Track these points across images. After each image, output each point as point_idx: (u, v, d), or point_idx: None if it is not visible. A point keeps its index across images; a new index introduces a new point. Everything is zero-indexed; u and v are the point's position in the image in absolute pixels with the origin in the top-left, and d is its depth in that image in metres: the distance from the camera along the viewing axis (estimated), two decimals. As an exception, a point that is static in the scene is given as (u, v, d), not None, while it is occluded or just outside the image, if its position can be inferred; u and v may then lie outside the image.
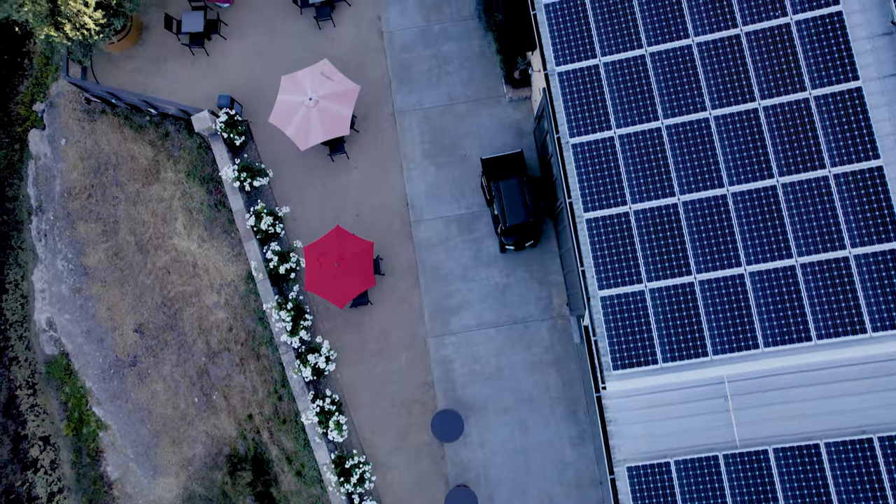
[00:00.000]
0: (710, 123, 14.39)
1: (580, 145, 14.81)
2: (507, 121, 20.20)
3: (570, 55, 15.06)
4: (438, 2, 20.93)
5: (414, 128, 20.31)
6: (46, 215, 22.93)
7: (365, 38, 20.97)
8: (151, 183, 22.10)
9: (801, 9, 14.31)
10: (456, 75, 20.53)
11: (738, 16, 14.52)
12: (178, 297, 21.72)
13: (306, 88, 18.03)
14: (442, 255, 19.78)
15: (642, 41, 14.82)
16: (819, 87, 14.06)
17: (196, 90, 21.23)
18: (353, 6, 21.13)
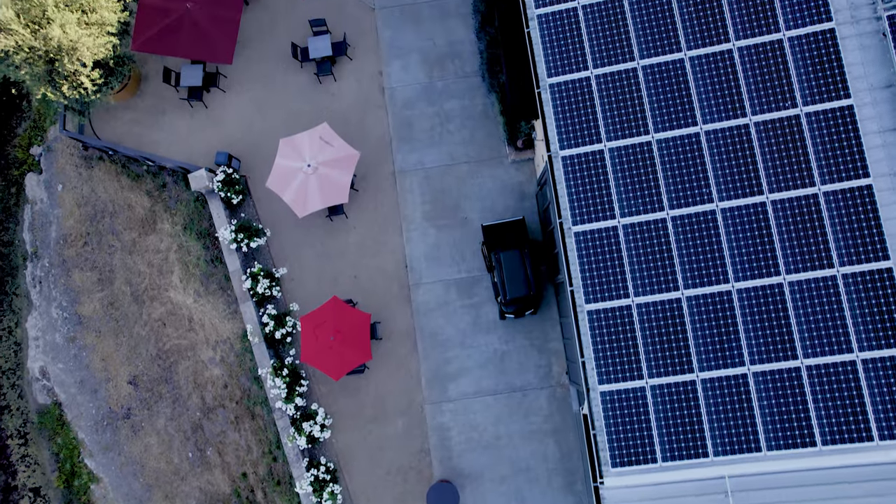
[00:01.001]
0: (717, 217, 14.04)
1: (584, 233, 14.48)
2: (510, 182, 19.87)
3: (575, 140, 14.72)
4: (441, 58, 20.59)
5: (415, 188, 19.99)
6: (42, 261, 22.66)
7: (366, 94, 20.64)
8: (148, 233, 21.81)
9: (808, 99, 13.98)
10: (458, 134, 20.19)
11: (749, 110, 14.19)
12: (173, 351, 21.45)
13: (305, 154, 17.72)
14: (441, 319, 19.47)
15: (649, 127, 14.48)
16: (828, 183, 13.71)
17: (194, 143, 20.92)
18: (355, 60, 20.80)
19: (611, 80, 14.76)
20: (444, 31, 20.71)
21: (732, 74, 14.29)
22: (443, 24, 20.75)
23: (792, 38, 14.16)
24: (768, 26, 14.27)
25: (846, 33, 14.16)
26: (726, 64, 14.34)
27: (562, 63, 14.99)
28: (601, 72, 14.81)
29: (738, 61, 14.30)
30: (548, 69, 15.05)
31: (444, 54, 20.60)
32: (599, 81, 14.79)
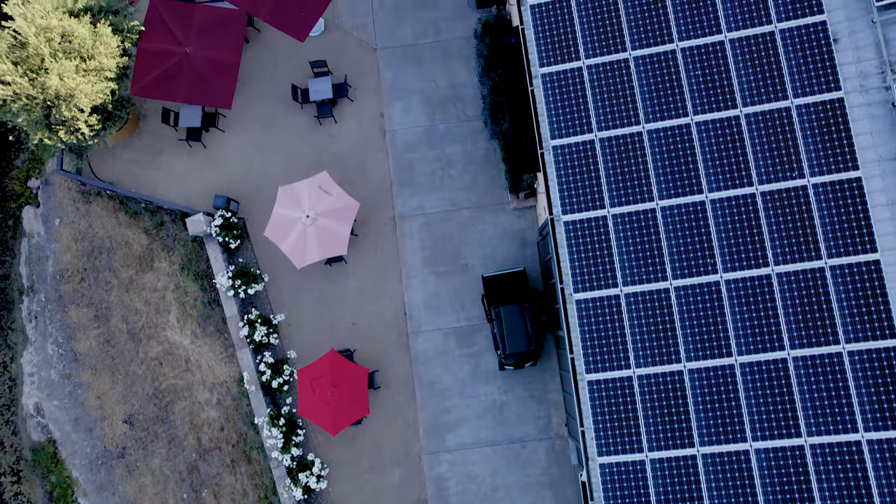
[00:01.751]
0: (720, 288, 13.82)
1: (585, 301, 14.26)
2: (511, 230, 19.64)
3: (578, 205, 14.49)
4: (444, 100, 20.34)
5: (415, 234, 19.76)
6: (38, 296, 22.46)
7: (367, 136, 20.40)
8: (145, 271, 21.60)
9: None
10: (459, 179, 19.96)
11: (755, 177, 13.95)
12: (169, 390, 21.25)
13: (303, 203, 17.49)
14: (439, 368, 19.26)
15: (653, 194, 14.24)
16: (835, 257, 13.47)
17: (192, 184, 20.70)
18: (356, 101, 20.55)
19: (615, 143, 14.52)
20: (447, 73, 20.46)
21: (740, 143, 14.05)
22: (445, 66, 20.50)
23: (800, 107, 13.92)
24: (776, 93, 14.03)
25: (855, 102, 13.91)
26: (734, 131, 14.11)
27: (566, 124, 14.75)
28: (606, 135, 14.57)
29: (746, 129, 14.06)
30: (551, 130, 14.82)
31: (446, 97, 20.35)
32: (603, 144, 14.55)
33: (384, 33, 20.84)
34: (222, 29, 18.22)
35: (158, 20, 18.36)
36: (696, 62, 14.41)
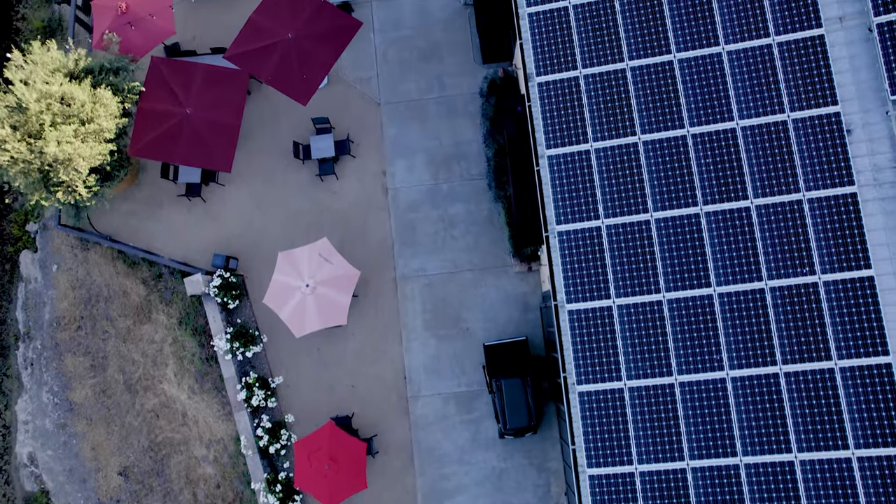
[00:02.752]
0: (726, 384, 13.54)
1: (589, 393, 13.98)
2: (514, 293, 19.35)
3: (583, 293, 14.20)
4: (447, 158, 20.03)
5: (416, 295, 19.47)
6: (34, 343, 22.20)
7: (369, 194, 20.10)
8: (143, 322, 21.33)
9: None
10: (462, 240, 19.66)
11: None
12: (165, 443, 21.00)
13: (303, 271, 17.21)
14: (439, 434, 18.99)
15: (660, 285, 13.95)
16: (845, 358, 13.19)
17: (191, 238, 20.40)
18: (358, 158, 20.24)
19: (623, 230, 14.23)
20: (451, 129, 20.15)
21: (750, 236, 13.75)
22: (450, 123, 20.19)
23: (812, 200, 13.62)
24: (788, 186, 13.73)
25: (868, 196, 13.61)
26: (744, 223, 13.82)
27: (572, 209, 14.46)
28: (613, 222, 14.27)
29: (756, 222, 13.76)
30: (557, 215, 14.52)
31: (450, 155, 20.03)
32: (610, 231, 14.26)
33: (388, 88, 20.52)
34: (224, 89, 17.91)
35: (159, 78, 18.05)
36: (707, 151, 14.10)
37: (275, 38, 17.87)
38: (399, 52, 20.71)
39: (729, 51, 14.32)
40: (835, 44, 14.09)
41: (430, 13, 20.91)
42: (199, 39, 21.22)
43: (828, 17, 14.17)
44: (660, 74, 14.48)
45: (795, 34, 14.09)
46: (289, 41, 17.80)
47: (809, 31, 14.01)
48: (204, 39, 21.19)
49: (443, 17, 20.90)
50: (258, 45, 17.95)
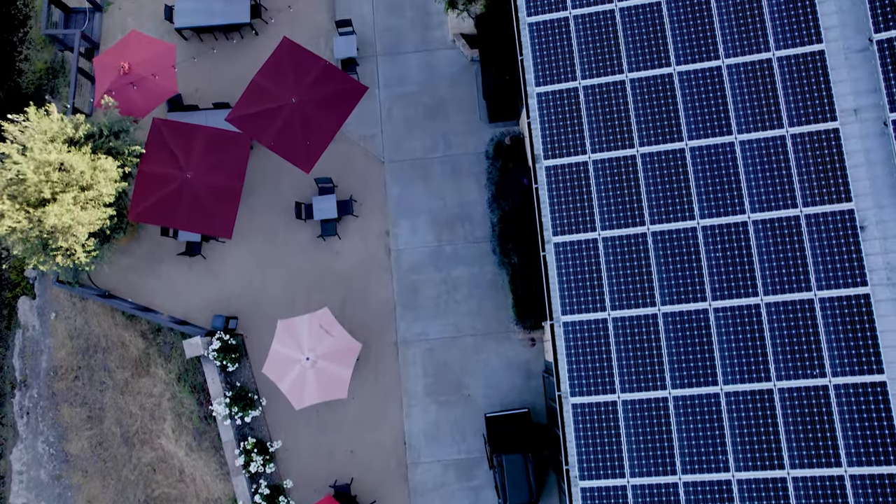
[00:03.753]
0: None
1: (590, 489, 13.73)
2: (516, 360, 19.08)
3: (588, 389, 13.94)
4: (452, 220, 19.75)
5: (417, 360, 19.21)
6: (30, 391, 21.98)
7: (371, 255, 19.82)
8: (141, 375, 21.10)
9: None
10: (465, 304, 19.39)
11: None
12: (162, 499, 20.79)
13: (303, 343, 16.95)
14: (438, 501, 18.75)
15: (666, 384, 13.69)
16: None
17: (191, 295, 20.15)
18: (361, 217, 19.96)
19: (630, 324, 13.96)
20: (456, 190, 19.87)
21: (759, 333, 13.48)
22: (454, 183, 19.90)
23: (823, 300, 13.34)
24: (800, 284, 13.45)
25: (882, 297, 13.31)
26: (754, 321, 13.56)
27: (578, 301, 14.19)
28: (620, 314, 14.00)
29: (766, 319, 13.49)
30: (562, 305, 14.25)
31: (454, 216, 19.75)
32: (617, 325, 13.99)
33: (392, 145, 20.23)
34: (225, 153, 17.64)
35: (160, 140, 17.77)
36: (717, 242, 13.81)
37: (278, 101, 17.59)
38: (404, 109, 20.43)
39: (742, 140, 14.03)
40: (850, 137, 13.79)
41: (437, 69, 20.61)
42: (201, 92, 20.94)
43: (843, 109, 13.86)
44: (674, 169, 14.21)
45: (810, 126, 13.78)
46: (292, 105, 17.51)
47: (824, 125, 13.71)
48: (207, 92, 20.91)
49: (449, 72, 20.60)
50: (261, 108, 17.67)
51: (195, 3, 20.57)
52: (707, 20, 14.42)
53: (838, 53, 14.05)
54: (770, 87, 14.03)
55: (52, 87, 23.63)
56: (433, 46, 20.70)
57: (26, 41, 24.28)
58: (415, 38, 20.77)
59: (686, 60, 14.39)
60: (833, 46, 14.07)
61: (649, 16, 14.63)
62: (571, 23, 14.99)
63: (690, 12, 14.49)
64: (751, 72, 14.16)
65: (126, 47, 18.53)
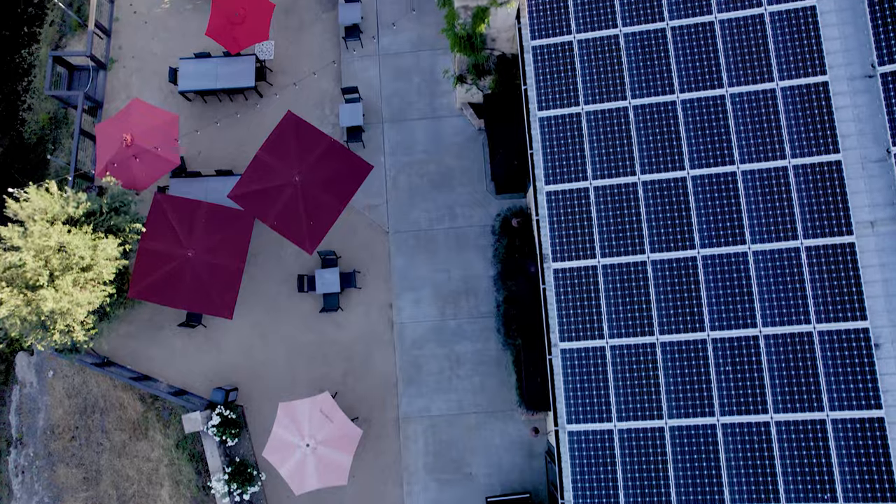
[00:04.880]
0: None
1: None
2: (519, 440, 18.80)
3: (593, 502, 13.66)
4: (456, 293, 19.46)
5: (419, 437, 18.95)
6: (26, 450, 21.74)
7: (374, 327, 19.54)
8: (139, 438, 20.85)
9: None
10: (468, 380, 19.11)
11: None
12: (158, 564, 20.56)
13: (304, 429, 16.69)
14: (437, 583, 18.52)
15: (671, 497, 13.40)
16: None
17: (191, 364, 19.90)
18: (365, 289, 19.68)
19: (636, 435, 13.67)
20: (461, 263, 19.57)
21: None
22: (460, 256, 19.60)
23: (836, 420, 13.05)
24: (811, 403, 13.17)
25: (895, 419, 13.03)
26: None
27: (584, 411, 13.90)
28: (626, 426, 13.72)
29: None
30: (568, 413, 13.97)
31: (458, 290, 19.46)
32: (623, 437, 13.70)
33: (397, 216, 19.94)
34: (227, 231, 17.36)
35: (161, 216, 17.50)
36: (727, 356, 13.52)
37: (282, 180, 17.30)
38: (410, 178, 20.13)
39: (755, 251, 13.73)
40: (865, 250, 13.48)
41: (444, 137, 20.31)
42: (204, 155, 20.65)
43: (859, 222, 13.55)
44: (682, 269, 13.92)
45: (825, 239, 13.47)
46: (296, 184, 17.23)
47: (840, 238, 13.39)
48: (209, 156, 20.62)
49: (456, 141, 20.29)
50: (264, 185, 17.39)
51: (199, 66, 20.28)
52: (725, 130, 14.14)
53: (856, 163, 13.73)
54: (786, 195, 13.72)
55: (55, 138, 23.37)
56: (440, 114, 20.39)
57: (30, 90, 24.05)
58: (422, 105, 20.46)
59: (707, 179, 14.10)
60: (850, 156, 13.76)
61: (664, 120, 14.33)
62: (584, 118, 14.70)
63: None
64: (766, 179, 13.85)
65: (129, 116, 18.25)
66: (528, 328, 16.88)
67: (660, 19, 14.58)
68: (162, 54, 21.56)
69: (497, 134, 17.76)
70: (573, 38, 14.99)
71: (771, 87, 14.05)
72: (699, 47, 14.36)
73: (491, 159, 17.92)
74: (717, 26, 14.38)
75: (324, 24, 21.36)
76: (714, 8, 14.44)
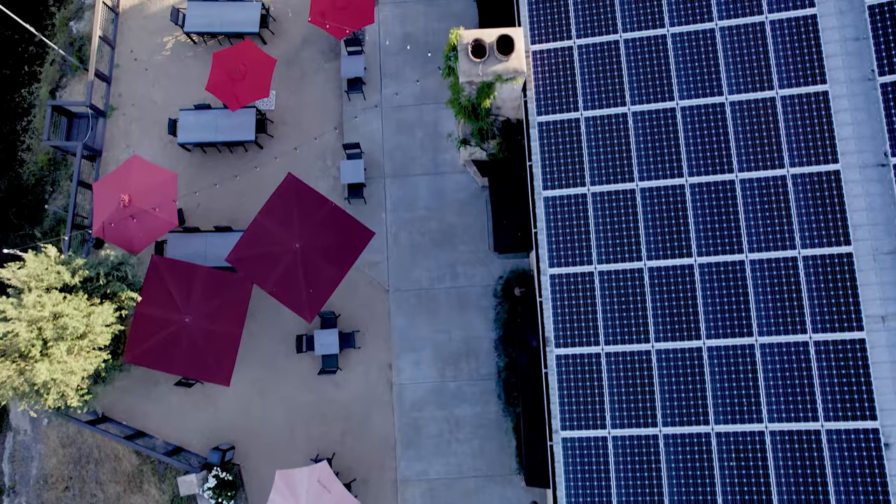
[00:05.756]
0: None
1: None
2: (518, 506, 18.57)
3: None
4: (456, 355, 19.19)
5: (416, 500, 18.70)
6: (19, 498, 21.51)
7: (373, 388, 19.28)
8: (134, 492, 20.61)
9: None
10: (467, 444, 18.85)
11: None
12: None
13: (301, 498, 16.43)
14: None
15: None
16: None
17: (188, 421, 19.64)
18: (364, 348, 19.41)
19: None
20: (462, 323, 19.30)
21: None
22: (461, 316, 19.33)
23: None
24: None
25: None
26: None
27: (585, 501, 13.65)
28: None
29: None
30: (567, 499, 13.72)
31: (459, 351, 19.19)
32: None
33: (398, 274, 19.67)
34: (225, 297, 17.10)
35: (158, 280, 17.24)
36: (732, 455, 13.25)
37: (281, 245, 17.03)
38: (411, 235, 19.85)
39: (762, 343, 13.45)
40: (876, 345, 13.19)
41: (446, 194, 20.03)
42: (203, 208, 20.37)
43: (869, 316, 13.27)
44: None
45: (835, 334, 13.17)
46: (296, 251, 16.96)
47: (850, 334, 13.10)
48: (208, 209, 20.34)
49: (459, 198, 20.00)
50: (263, 250, 17.12)
51: (199, 117, 20.00)
52: (734, 217, 13.89)
53: (867, 255, 13.45)
54: (795, 287, 13.45)
55: (54, 179, 23.08)
56: (443, 169, 20.11)
57: (29, 130, 23.77)
58: (424, 161, 20.18)
59: (707, 252, 13.84)
60: (861, 247, 13.48)
61: (673, 203, 14.06)
62: (589, 199, 14.41)
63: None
64: (775, 269, 13.57)
65: (127, 174, 17.97)
66: (529, 400, 16.61)
67: (670, 98, 14.31)
68: (162, 102, 21.27)
69: (500, 198, 17.48)
70: (580, 115, 14.70)
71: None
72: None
73: (494, 226, 17.62)
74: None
75: (326, 74, 21.07)
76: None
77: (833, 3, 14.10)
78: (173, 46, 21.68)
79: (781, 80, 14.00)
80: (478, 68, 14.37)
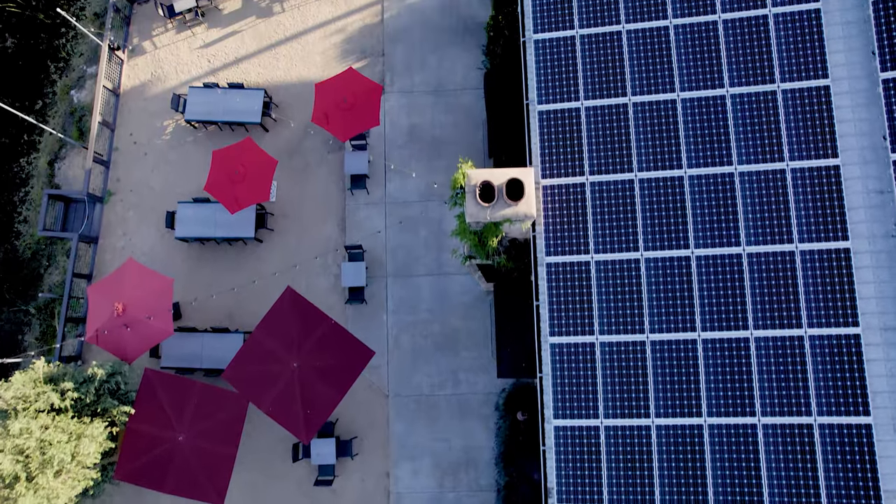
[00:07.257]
0: None
1: None
2: None
3: None
4: (456, 465, 18.71)
5: None
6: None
7: (370, 497, 18.82)
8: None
9: None
10: (465, 558, 18.40)
11: None
12: None
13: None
14: None
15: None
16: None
17: None
18: (362, 454, 18.93)
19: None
20: (463, 432, 18.81)
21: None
22: (461, 425, 18.85)
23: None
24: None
25: None
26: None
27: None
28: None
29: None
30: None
31: (458, 461, 18.72)
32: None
33: (398, 379, 19.19)
34: (220, 415, 16.63)
35: (151, 395, 16.78)
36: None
37: (279, 364, 16.54)
38: (413, 338, 19.36)
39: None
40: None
41: (450, 296, 19.51)
42: (199, 303, 19.87)
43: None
44: None
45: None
46: (293, 371, 16.47)
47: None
48: (205, 304, 19.82)
49: (463, 301, 19.49)
50: (260, 367, 16.64)
51: (198, 211, 19.50)
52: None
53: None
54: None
55: (50, 253, 22.60)
56: (447, 270, 19.59)
57: (27, 201, 23.27)
58: (428, 260, 19.66)
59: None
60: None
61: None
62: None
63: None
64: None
65: (122, 279, 17.49)
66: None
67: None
68: (160, 189, 20.77)
69: (505, 312, 17.00)
70: (591, 258, 14.20)
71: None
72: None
73: (498, 350, 17.13)
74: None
75: (329, 165, 20.53)
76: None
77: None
78: (173, 130, 21.16)
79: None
80: (486, 212, 13.84)
